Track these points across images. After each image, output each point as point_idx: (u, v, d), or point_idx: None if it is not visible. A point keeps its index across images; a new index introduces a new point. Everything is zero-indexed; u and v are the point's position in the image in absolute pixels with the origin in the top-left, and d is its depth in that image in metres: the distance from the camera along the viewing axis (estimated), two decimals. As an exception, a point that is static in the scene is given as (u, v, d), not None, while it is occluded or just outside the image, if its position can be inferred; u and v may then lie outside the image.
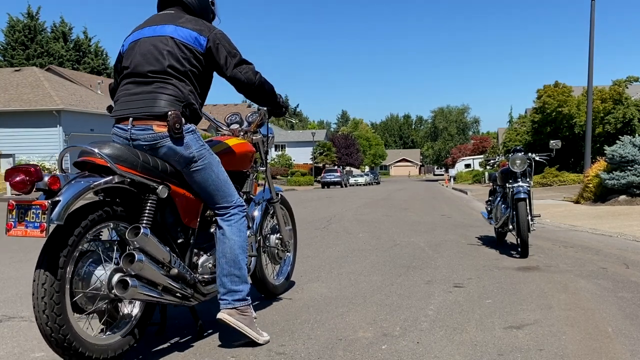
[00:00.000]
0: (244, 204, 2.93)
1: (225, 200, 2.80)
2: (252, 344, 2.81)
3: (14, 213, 2.21)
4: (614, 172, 12.40)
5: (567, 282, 4.36)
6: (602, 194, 12.85)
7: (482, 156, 47.06)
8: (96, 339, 2.40)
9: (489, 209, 6.88)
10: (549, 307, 3.58)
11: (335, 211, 12.22)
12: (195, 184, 2.73)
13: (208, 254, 2.94)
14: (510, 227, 5.81)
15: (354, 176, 53.38)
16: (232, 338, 2.93)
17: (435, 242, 6.87)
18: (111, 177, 2.39)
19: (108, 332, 2.50)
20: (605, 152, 12.90)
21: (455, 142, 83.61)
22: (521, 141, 32.56)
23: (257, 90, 2.90)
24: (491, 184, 7.08)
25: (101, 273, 2.38)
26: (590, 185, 13.52)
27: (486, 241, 6.92)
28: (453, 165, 58.30)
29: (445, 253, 5.91)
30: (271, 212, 3.69)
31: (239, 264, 2.78)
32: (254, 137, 3.44)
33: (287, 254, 3.94)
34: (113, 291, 2.35)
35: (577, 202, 13.95)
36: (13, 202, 2.21)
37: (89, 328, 2.47)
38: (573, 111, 29.88)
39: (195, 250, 2.88)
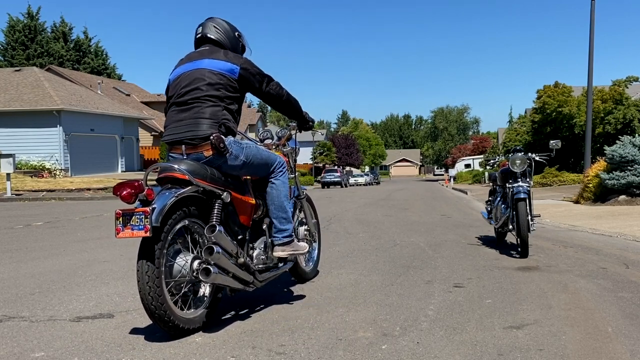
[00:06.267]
0: (283, 159, 3.63)
1: (272, 165, 3.50)
2: (252, 343, 2.82)
3: (120, 220, 2.72)
4: (613, 172, 12.40)
5: (567, 282, 4.36)
6: (602, 194, 12.85)
7: (482, 156, 47.09)
8: (184, 313, 2.96)
9: (489, 209, 6.88)
10: (549, 307, 3.58)
11: (336, 211, 12.23)
12: (252, 172, 3.41)
13: (260, 247, 3.49)
14: (510, 227, 5.81)
15: (354, 176, 53.33)
16: (232, 337, 2.93)
17: (435, 242, 6.87)
18: (190, 187, 2.95)
19: (191, 309, 3.04)
20: (605, 152, 12.90)
21: (455, 142, 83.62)
22: (521, 141, 32.56)
23: (286, 102, 3.58)
24: (491, 184, 7.08)
25: (183, 261, 2.95)
26: (590, 185, 13.52)
27: (486, 241, 6.92)
28: (453, 166, 58.29)
29: (445, 253, 5.91)
30: (299, 207, 4.19)
31: (285, 208, 3.50)
32: (284, 150, 4.03)
33: (314, 243, 4.48)
34: (195, 274, 2.94)
35: (577, 202, 13.95)
36: (120, 211, 2.72)
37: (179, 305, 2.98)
38: (573, 111, 29.88)
39: (250, 245, 3.44)
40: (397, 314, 3.39)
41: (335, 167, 50.74)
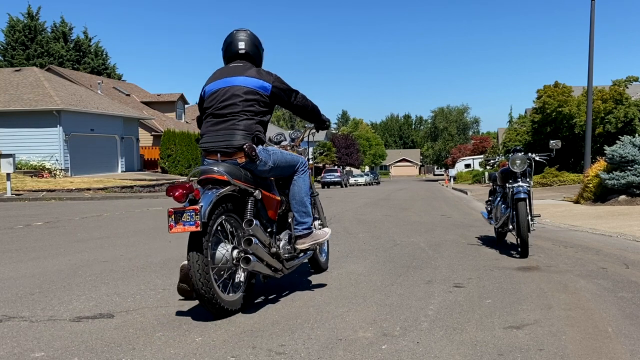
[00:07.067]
0: (305, 160, 4.07)
1: (295, 165, 3.94)
2: (252, 343, 2.83)
3: (172, 217, 3.09)
4: (613, 172, 12.41)
5: (567, 282, 4.36)
6: (602, 194, 12.85)
7: (482, 156, 47.07)
8: (226, 297, 3.30)
9: (489, 209, 6.88)
10: (549, 307, 3.58)
11: (336, 211, 12.22)
12: (279, 174, 3.85)
13: (285, 239, 3.85)
14: (510, 227, 5.81)
15: (354, 176, 53.36)
16: (232, 337, 2.93)
17: (435, 242, 6.87)
18: (228, 187, 3.35)
19: (231, 293, 3.38)
20: (605, 152, 12.90)
21: (455, 142, 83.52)
22: (521, 141, 32.57)
23: (310, 111, 4.05)
24: (491, 184, 7.08)
25: (224, 251, 3.33)
26: (590, 185, 13.52)
27: (486, 241, 6.92)
28: (453, 165, 58.28)
29: (445, 253, 5.91)
30: (312, 204, 4.42)
31: (305, 203, 3.92)
32: (298, 150, 4.42)
33: None
34: (234, 262, 3.34)
35: (577, 202, 13.95)
36: (172, 210, 3.10)
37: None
38: (573, 111, 29.88)
39: (277, 237, 3.82)
40: (397, 314, 3.39)
41: (335, 167, 50.75)
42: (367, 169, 76.84)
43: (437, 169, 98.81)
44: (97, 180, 22.23)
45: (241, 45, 3.80)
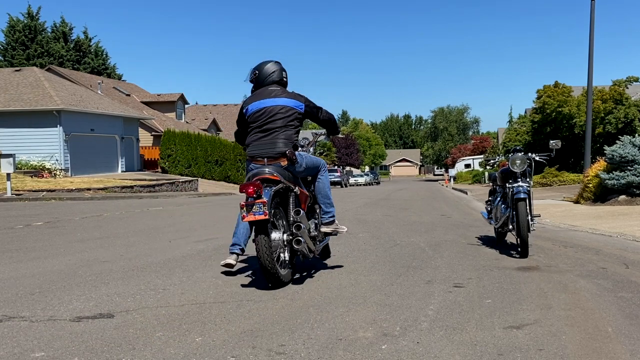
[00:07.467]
0: (324, 161, 4.89)
1: (319, 166, 4.77)
2: (252, 343, 2.83)
3: (244, 209, 3.82)
4: (613, 172, 12.41)
5: (567, 282, 4.36)
6: (602, 194, 12.85)
7: (482, 156, 47.07)
8: (282, 271, 4.06)
9: (489, 209, 6.88)
10: (549, 307, 3.58)
11: (336, 211, 12.20)
12: (308, 173, 4.67)
13: (312, 226, 4.60)
14: (510, 227, 5.81)
15: (354, 176, 53.38)
16: (232, 337, 2.93)
17: (435, 242, 6.87)
18: (279, 185, 4.13)
19: (282, 268, 4.10)
20: (605, 152, 12.90)
21: (455, 142, 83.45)
22: (521, 141, 32.58)
23: (332, 122, 4.90)
24: (491, 184, 7.08)
25: (277, 235, 4.12)
26: (590, 185, 13.53)
27: (486, 241, 6.92)
28: (453, 165, 58.28)
29: (445, 253, 5.91)
30: None
31: (328, 195, 4.78)
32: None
33: None
34: (284, 244, 4.16)
35: (577, 202, 13.96)
36: (243, 203, 3.83)
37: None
38: (573, 111, 29.89)
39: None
40: (397, 314, 3.39)
41: (335, 167, 50.74)
42: (367, 169, 76.84)
43: (437, 169, 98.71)
44: (97, 180, 22.21)
45: (277, 74, 4.64)
